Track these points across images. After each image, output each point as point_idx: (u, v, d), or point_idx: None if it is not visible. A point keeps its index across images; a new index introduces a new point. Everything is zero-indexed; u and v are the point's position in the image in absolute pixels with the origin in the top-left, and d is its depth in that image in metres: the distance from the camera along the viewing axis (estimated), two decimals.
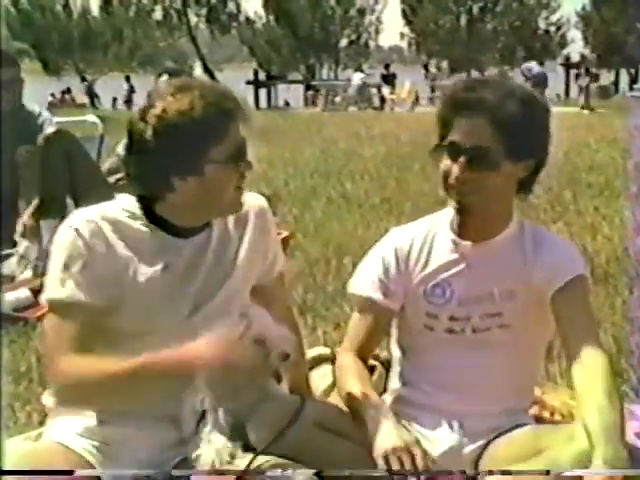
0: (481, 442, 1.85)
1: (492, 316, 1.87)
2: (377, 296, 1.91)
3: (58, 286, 1.64)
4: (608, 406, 1.60)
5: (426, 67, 28.68)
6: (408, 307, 1.92)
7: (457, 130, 1.78)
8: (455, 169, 1.77)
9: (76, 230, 1.66)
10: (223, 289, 1.75)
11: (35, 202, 3.93)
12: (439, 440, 1.86)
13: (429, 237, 1.92)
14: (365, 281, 1.94)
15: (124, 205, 1.72)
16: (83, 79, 32.66)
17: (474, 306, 1.87)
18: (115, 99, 29.14)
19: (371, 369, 2.22)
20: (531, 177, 1.85)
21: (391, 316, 1.96)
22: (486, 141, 1.75)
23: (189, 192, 1.65)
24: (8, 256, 3.85)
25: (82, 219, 1.68)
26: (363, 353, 1.95)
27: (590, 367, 1.69)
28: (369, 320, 1.94)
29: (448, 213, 1.91)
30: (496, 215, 1.86)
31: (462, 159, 1.76)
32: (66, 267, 1.64)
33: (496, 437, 1.85)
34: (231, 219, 1.80)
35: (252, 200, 1.84)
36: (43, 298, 1.68)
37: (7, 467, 1.56)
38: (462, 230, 1.88)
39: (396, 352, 2.01)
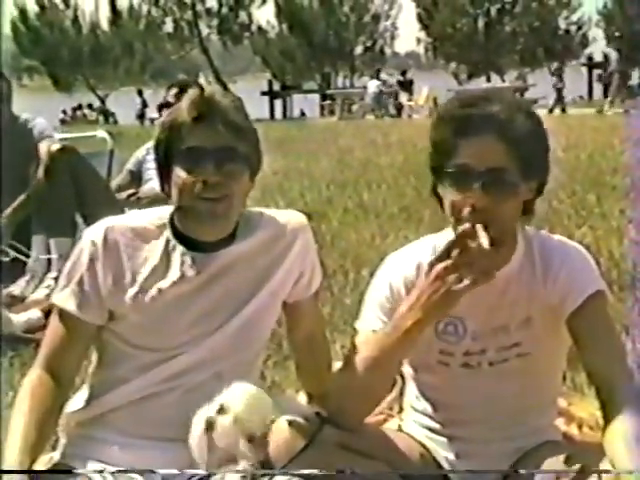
0: (507, 464, 1.73)
1: (509, 348, 1.73)
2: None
3: (59, 290, 1.71)
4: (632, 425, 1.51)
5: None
6: (419, 345, 1.72)
7: (465, 152, 1.60)
8: (469, 198, 1.59)
9: (91, 242, 1.69)
10: (248, 306, 1.71)
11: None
12: (464, 465, 1.76)
13: None
14: (371, 316, 1.77)
15: (157, 215, 1.73)
16: (96, 95, 32.77)
17: (489, 340, 1.73)
18: (112, 113, 29.13)
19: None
20: (533, 200, 1.69)
21: None
22: (501, 161, 1.58)
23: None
24: (17, 277, 3.80)
25: (104, 229, 1.70)
26: None
27: (616, 398, 1.56)
28: None
29: (450, 237, 1.72)
30: (503, 245, 1.66)
31: (477, 185, 1.58)
32: (69, 275, 1.71)
33: (522, 457, 1.73)
34: (271, 239, 1.74)
35: (293, 220, 1.78)
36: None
37: None
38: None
39: (408, 370, 1.88)
